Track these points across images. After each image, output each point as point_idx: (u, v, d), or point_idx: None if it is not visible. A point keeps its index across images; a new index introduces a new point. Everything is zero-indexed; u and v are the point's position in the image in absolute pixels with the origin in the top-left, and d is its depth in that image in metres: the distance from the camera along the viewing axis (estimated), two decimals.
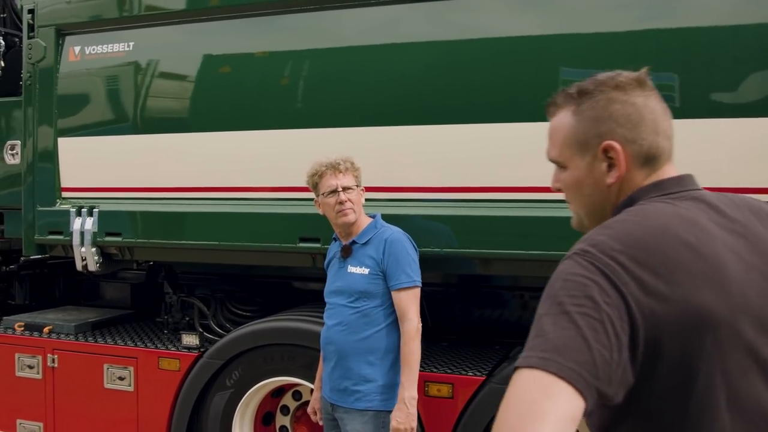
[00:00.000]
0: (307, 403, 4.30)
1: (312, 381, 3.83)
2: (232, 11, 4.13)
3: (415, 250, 3.44)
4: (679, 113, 3.25)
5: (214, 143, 4.12)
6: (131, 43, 4.40)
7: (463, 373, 3.77)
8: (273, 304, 4.68)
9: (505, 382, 3.48)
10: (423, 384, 3.71)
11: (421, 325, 3.36)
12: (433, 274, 4.30)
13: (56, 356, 4.62)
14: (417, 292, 3.37)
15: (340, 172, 3.39)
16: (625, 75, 1.52)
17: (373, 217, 3.51)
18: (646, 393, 1.28)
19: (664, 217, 1.38)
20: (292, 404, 4.40)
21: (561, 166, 1.59)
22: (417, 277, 3.38)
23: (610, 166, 1.50)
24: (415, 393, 3.28)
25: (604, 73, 1.54)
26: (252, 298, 4.85)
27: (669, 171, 1.52)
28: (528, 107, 3.52)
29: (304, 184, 3.57)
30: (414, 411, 3.26)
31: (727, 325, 1.28)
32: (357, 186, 3.43)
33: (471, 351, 4.14)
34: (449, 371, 3.80)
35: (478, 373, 3.75)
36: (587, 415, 1.22)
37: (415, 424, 3.26)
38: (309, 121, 3.94)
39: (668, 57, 3.34)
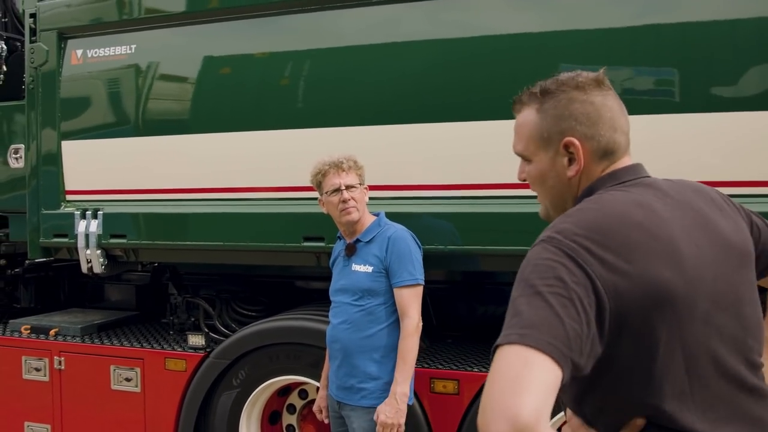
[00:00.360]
0: (313, 401, 4.31)
1: (318, 379, 3.85)
2: (232, 12, 4.14)
3: (419, 247, 3.46)
4: (678, 108, 3.33)
5: (217, 144, 4.14)
6: (133, 46, 4.41)
7: (469, 369, 3.79)
8: (278, 304, 4.70)
9: None
10: (429, 380, 3.74)
11: (421, 323, 3.38)
12: (438, 272, 4.32)
13: (63, 358, 4.64)
14: (419, 290, 3.39)
15: (343, 170, 3.41)
16: (585, 75, 1.65)
17: (377, 215, 3.52)
18: (613, 362, 1.41)
19: (621, 203, 1.52)
20: (299, 403, 4.43)
21: (526, 159, 1.73)
22: (419, 275, 3.39)
23: (570, 161, 1.64)
24: (407, 389, 3.30)
25: (565, 74, 1.67)
26: (257, 298, 4.86)
27: (624, 162, 1.65)
28: None
29: (307, 184, 3.59)
30: (404, 407, 3.28)
31: (683, 297, 1.42)
32: (360, 184, 3.45)
33: (476, 347, 4.16)
34: (455, 368, 3.82)
35: (484, 369, 3.76)
36: (562, 389, 1.29)
37: (403, 420, 3.27)
38: (311, 121, 3.95)
39: (666, 52, 3.35)
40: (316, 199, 3.61)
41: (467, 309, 4.71)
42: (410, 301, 3.35)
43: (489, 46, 3.64)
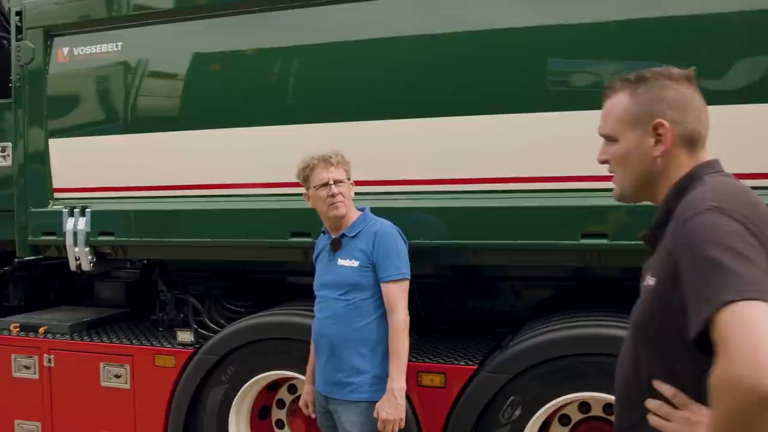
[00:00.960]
0: None
1: None
2: (219, 9, 4.15)
3: (405, 242, 3.49)
4: None
5: (204, 141, 4.15)
6: (119, 43, 4.42)
7: (456, 362, 3.81)
8: (267, 300, 4.71)
9: (497, 370, 3.58)
10: (416, 374, 3.76)
11: (408, 317, 3.40)
12: (426, 266, 4.34)
13: (52, 356, 4.65)
14: (406, 284, 3.41)
15: (332, 165, 3.42)
16: (676, 70, 1.82)
17: (362, 210, 3.54)
18: None
19: (743, 187, 1.71)
20: (288, 398, 4.44)
21: (612, 139, 1.87)
22: (406, 269, 3.42)
23: (657, 142, 1.78)
24: (403, 384, 3.33)
25: (657, 67, 1.83)
26: (246, 294, 4.88)
27: (705, 155, 1.82)
28: (516, 99, 3.56)
29: (294, 180, 3.60)
30: (403, 402, 3.31)
31: None
32: (348, 179, 3.47)
33: (463, 341, 4.19)
34: (442, 361, 3.84)
35: (471, 363, 3.79)
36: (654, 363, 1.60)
37: (403, 415, 3.31)
38: (298, 117, 3.97)
39: (654, 46, 3.37)
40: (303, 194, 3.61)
41: (455, 303, 4.73)
42: (398, 296, 3.38)
43: (478, 40, 3.65)
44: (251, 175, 4.09)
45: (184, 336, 4.46)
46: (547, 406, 3.56)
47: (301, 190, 3.59)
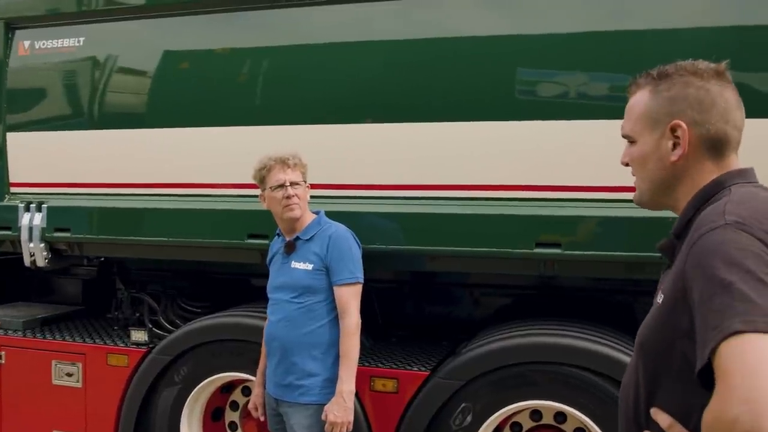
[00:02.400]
0: None
1: None
2: (185, 7, 4.13)
3: (359, 246, 3.49)
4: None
5: (164, 139, 4.13)
6: (82, 39, 4.38)
7: (409, 368, 3.81)
8: (224, 301, 4.68)
9: (450, 376, 3.59)
10: (369, 379, 3.76)
11: (360, 320, 3.40)
12: (384, 271, 4.35)
13: (3, 352, 4.59)
14: (359, 288, 3.42)
15: (289, 167, 3.42)
16: (705, 64, 1.65)
17: (317, 213, 3.54)
18: None
19: None
20: (242, 400, 4.41)
21: (631, 140, 1.73)
22: (359, 273, 3.42)
23: (675, 145, 1.62)
24: (353, 387, 3.33)
25: (685, 61, 1.67)
26: (203, 295, 4.85)
27: (736, 161, 1.64)
28: (474, 107, 3.58)
29: (254, 181, 3.59)
30: (351, 405, 3.30)
31: None
32: (304, 182, 3.47)
33: (418, 347, 4.20)
34: (395, 366, 3.84)
35: (424, 368, 3.80)
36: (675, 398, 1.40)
37: (351, 417, 3.31)
38: (259, 119, 3.96)
39: (623, 58, 3.40)
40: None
41: (413, 308, 4.74)
42: (350, 300, 3.38)
43: (447, 47, 3.67)
44: (210, 175, 4.07)
45: (139, 335, 4.42)
46: (499, 413, 3.58)
47: (259, 191, 3.58)
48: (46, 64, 4.47)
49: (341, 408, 3.27)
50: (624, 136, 1.76)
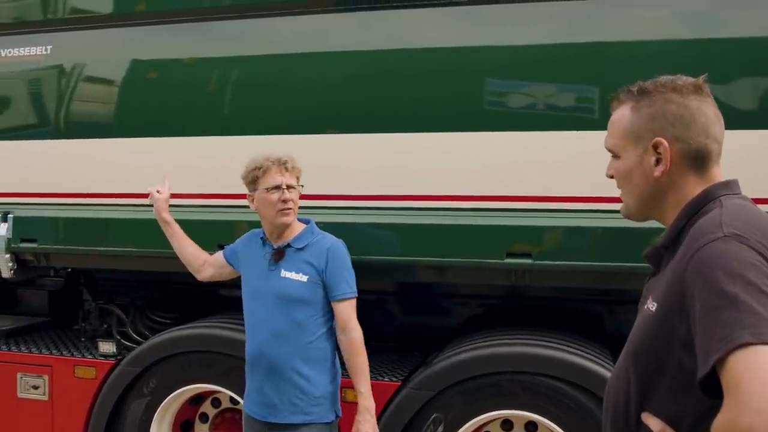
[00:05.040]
0: (226, 410, 4.30)
1: (230, 388, 3.84)
2: (153, 17, 4.10)
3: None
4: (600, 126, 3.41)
5: (132, 149, 4.09)
6: (49, 47, 4.33)
7: (380, 378, 3.80)
8: (193, 312, 4.64)
9: (421, 387, 3.59)
10: (341, 390, 3.73)
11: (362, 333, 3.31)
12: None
13: None
14: (355, 302, 3.32)
15: (287, 170, 3.29)
16: (684, 79, 1.70)
17: (307, 222, 3.42)
18: None
19: (760, 212, 1.60)
20: (212, 411, 4.38)
21: (615, 155, 1.77)
22: (355, 287, 3.33)
23: (658, 161, 1.67)
24: (373, 401, 3.24)
25: (664, 76, 1.71)
26: (171, 305, 4.80)
27: (719, 172, 1.69)
28: (445, 118, 3.59)
29: (223, 191, 3.55)
30: (374, 420, 3.24)
31: None
32: (300, 186, 3.35)
33: (390, 357, 4.19)
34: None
35: (395, 379, 3.80)
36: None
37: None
38: (230, 129, 3.94)
39: (588, 69, 3.44)
40: (232, 207, 3.55)
41: (383, 318, 4.73)
42: (351, 314, 3.27)
43: (420, 58, 3.67)
44: (179, 185, 4.01)
45: (107, 347, 4.36)
46: (470, 423, 3.59)
47: (232, 201, 3.51)
48: (11, 72, 4.41)
49: (370, 426, 3.20)
50: (608, 150, 1.80)
